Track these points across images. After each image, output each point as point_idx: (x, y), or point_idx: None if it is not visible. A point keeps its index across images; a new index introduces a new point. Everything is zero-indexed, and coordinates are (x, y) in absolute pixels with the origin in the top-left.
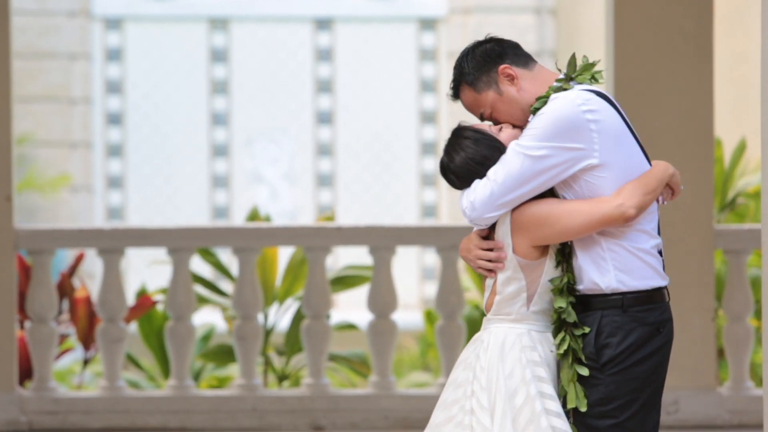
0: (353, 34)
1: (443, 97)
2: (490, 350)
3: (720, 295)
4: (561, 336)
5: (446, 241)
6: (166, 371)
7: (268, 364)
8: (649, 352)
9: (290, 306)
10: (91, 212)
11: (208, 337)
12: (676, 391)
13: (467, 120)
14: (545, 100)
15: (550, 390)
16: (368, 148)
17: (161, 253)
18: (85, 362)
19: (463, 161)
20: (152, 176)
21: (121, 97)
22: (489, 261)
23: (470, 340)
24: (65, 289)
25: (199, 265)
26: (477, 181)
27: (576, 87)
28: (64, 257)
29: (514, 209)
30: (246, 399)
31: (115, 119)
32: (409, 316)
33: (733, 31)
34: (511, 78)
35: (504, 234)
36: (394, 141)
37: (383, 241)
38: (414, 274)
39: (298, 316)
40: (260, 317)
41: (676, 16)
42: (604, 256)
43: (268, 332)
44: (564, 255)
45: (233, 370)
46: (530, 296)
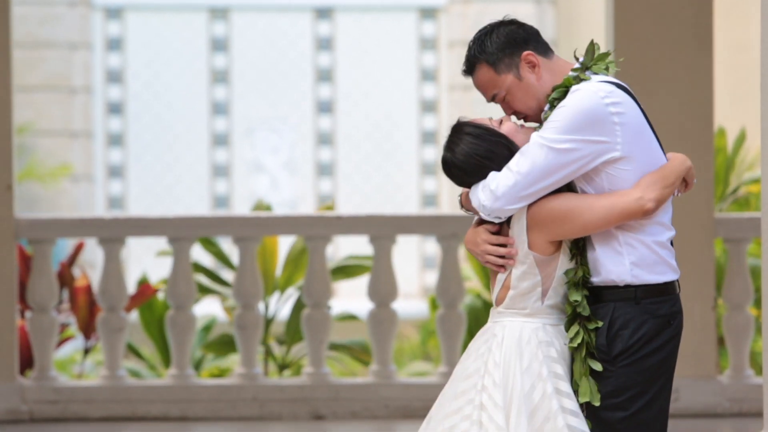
0: (353, 23)
1: (443, 87)
2: (506, 345)
3: (720, 284)
4: (575, 330)
5: (446, 229)
6: (167, 360)
7: (268, 353)
8: (659, 345)
9: (291, 295)
10: (92, 201)
11: (209, 328)
12: (676, 380)
13: (466, 115)
14: (562, 90)
15: (566, 387)
16: (369, 137)
17: (162, 243)
18: (86, 351)
19: (467, 156)
20: (153, 165)
21: (121, 87)
22: (500, 257)
23: (480, 332)
24: (65, 278)
25: (201, 255)
26: (494, 174)
27: (594, 78)
28: (65, 247)
29: (531, 205)
30: (246, 388)
31: (115, 109)
32: (409, 305)
33: (733, 20)
34: (533, 65)
35: (519, 231)
36: (394, 130)
37: (383, 230)
38: (414, 263)
39: (298, 306)
40: (261, 306)
41: (676, 5)
42: (621, 250)
43: (269, 321)
44: (578, 248)
45: (234, 361)
46: (545, 291)
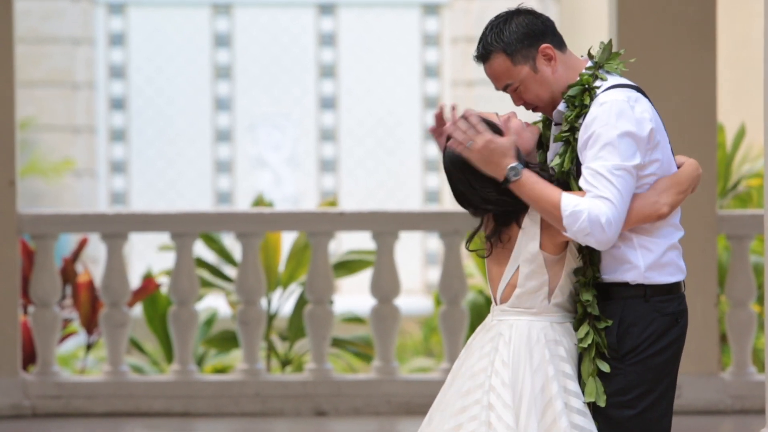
0: (356, 19)
1: (447, 83)
2: (514, 344)
3: (723, 281)
4: (585, 330)
5: (449, 226)
6: (170, 356)
7: (271, 349)
8: (667, 343)
9: (293, 291)
10: (95, 197)
11: (210, 322)
12: (678, 376)
13: (472, 109)
14: (580, 89)
15: (574, 386)
16: (371, 133)
17: (165, 238)
18: (89, 347)
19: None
20: (155, 161)
21: (124, 82)
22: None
23: (481, 328)
24: (68, 273)
25: (203, 252)
26: (594, 203)
27: (610, 79)
28: (68, 242)
29: None
30: (249, 384)
31: (118, 104)
32: (412, 301)
33: (735, 16)
34: (550, 58)
35: (533, 231)
36: (397, 126)
37: (386, 226)
38: (417, 259)
39: (301, 302)
40: (263, 302)
41: (679, 2)
42: (636, 253)
43: (272, 317)
44: (587, 246)
45: (236, 357)
46: (551, 289)
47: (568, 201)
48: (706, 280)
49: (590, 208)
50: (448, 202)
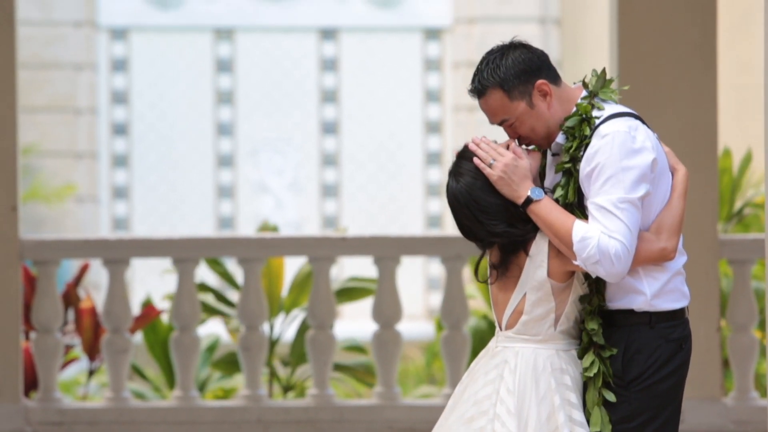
0: (358, 43)
1: (448, 108)
2: (520, 372)
3: (724, 306)
4: (590, 359)
5: (451, 251)
6: (172, 382)
7: (273, 374)
8: (672, 369)
9: (296, 317)
10: (97, 222)
11: (213, 348)
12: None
13: (475, 129)
14: (577, 119)
15: (579, 416)
16: (373, 157)
17: (167, 264)
18: (91, 373)
19: (474, 185)
20: (158, 186)
21: (126, 107)
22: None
23: (484, 353)
24: (70, 299)
25: (206, 275)
26: (594, 241)
27: (607, 108)
28: (69, 268)
29: None
30: (251, 410)
31: (120, 129)
32: (414, 326)
33: (738, 41)
34: (545, 94)
35: (540, 258)
36: (399, 151)
37: (388, 251)
38: (419, 284)
39: (303, 327)
40: (266, 328)
41: (681, 26)
42: (643, 281)
43: (274, 343)
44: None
45: (240, 380)
46: (558, 317)
47: (579, 228)
48: (708, 304)
49: (600, 238)
50: (450, 227)
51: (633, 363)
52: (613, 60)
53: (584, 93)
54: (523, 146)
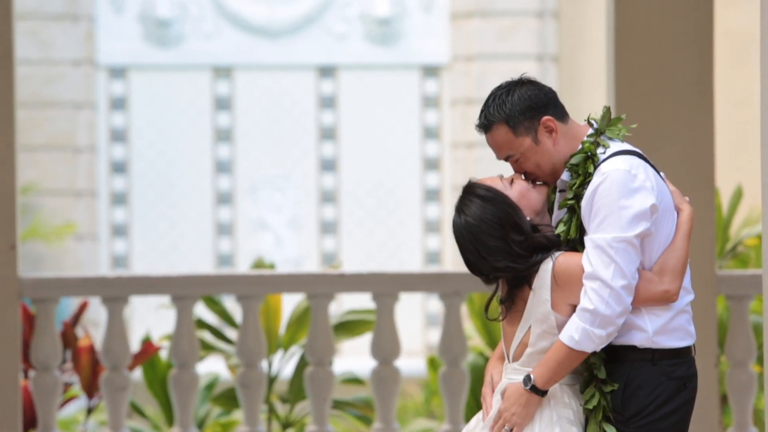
0: (356, 81)
1: (446, 144)
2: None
3: (723, 341)
4: (591, 392)
5: (449, 287)
6: (171, 419)
7: (272, 411)
8: (674, 407)
9: (294, 353)
10: (96, 260)
11: (212, 386)
12: None
13: (474, 176)
14: (582, 157)
15: None
16: (372, 194)
17: (166, 301)
18: (89, 411)
19: (478, 222)
20: (157, 224)
21: (125, 146)
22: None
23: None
24: (69, 337)
25: (204, 314)
26: (587, 299)
27: (612, 145)
28: (68, 306)
29: (558, 266)
30: None
31: (119, 167)
32: (413, 362)
33: (733, 77)
34: (551, 131)
35: (543, 291)
36: (397, 188)
37: (386, 287)
38: (418, 321)
39: (301, 364)
40: (264, 365)
41: (678, 63)
42: (645, 318)
43: (272, 380)
44: None
45: (239, 416)
46: None
47: (565, 337)
48: (707, 340)
49: (579, 319)
50: (449, 263)
51: (633, 399)
52: (611, 97)
53: (591, 131)
54: (530, 181)
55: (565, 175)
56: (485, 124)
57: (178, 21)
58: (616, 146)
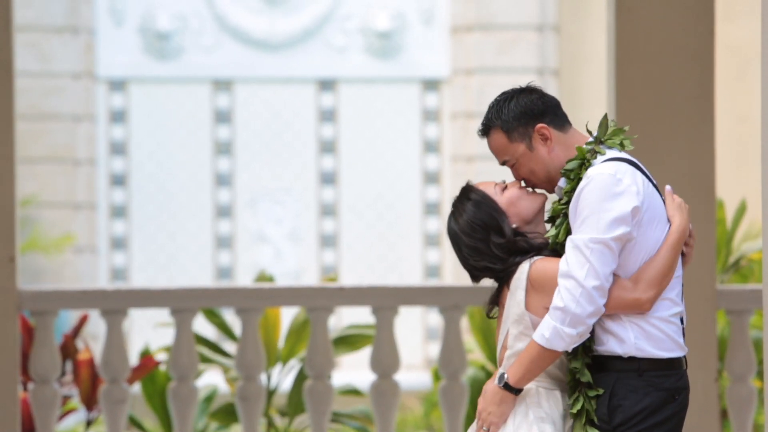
0: (356, 94)
1: (446, 158)
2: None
3: (723, 356)
4: (575, 396)
5: (449, 301)
6: None
7: (270, 425)
8: (662, 419)
9: (293, 367)
10: (96, 273)
11: (210, 399)
12: None
13: (473, 179)
14: (578, 162)
15: None
16: (372, 208)
17: (166, 314)
18: (88, 423)
19: (464, 224)
20: (156, 236)
21: (125, 158)
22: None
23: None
24: (69, 350)
25: (204, 326)
26: (558, 298)
27: (608, 152)
28: (68, 318)
29: (534, 268)
30: None
31: (119, 180)
32: (412, 376)
33: (735, 92)
34: (545, 138)
35: (518, 291)
36: (397, 201)
37: (386, 301)
38: (418, 334)
39: (300, 377)
40: (263, 378)
41: (678, 76)
42: (625, 326)
43: (271, 393)
44: None
45: (237, 431)
46: None
47: (537, 335)
48: (706, 355)
49: (552, 318)
50: (449, 277)
51: (619, 409)
52: (611, 111)
53: (591, 139)
54: (525, 189)
55: (562, 182)
56: (483, 129)
57: (178, 34)
58: (611, 154)
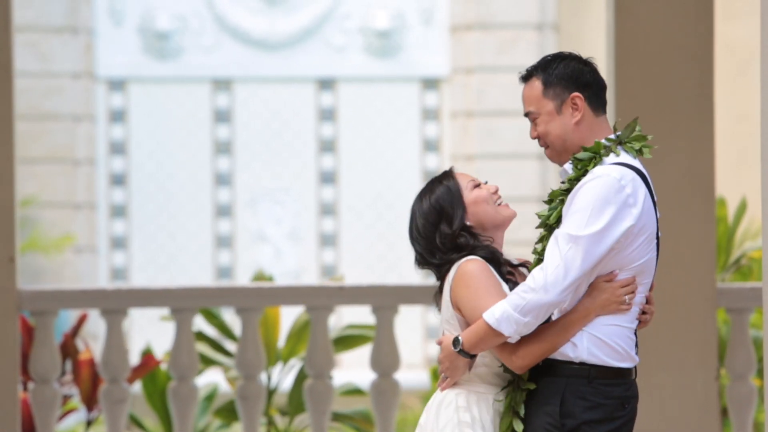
0: (356, 94)
1: (446, 157)
2: (429, 408)
3: (723, 354)
4: (508, 389)
5: None
6: None
7: (271, 424)
8: (613, 428)
9: (293, 366)
10: (96, 273)
11: (211, 397)
12: None
13: (455, 167)
14: (590, 155)
15: None
16: (371, 207)
17: (166, 312)
18: (89, 423)
19: (424, 204)
20: (156, 236)
21: (124, 158)
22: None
23: None
24: (69, 350)
25: (204, 325)
26: (521, 286)
27: (622, 157)
28: (68, 318)
29: (462, 267)
30: None
31: (119, 180)
32: (413, 375)
33: (735, 91)
34: (576, 109)
35: (447, 290)
36: (397, 200)
37: (386, 300)
38: (418, 333)
39: (300, 376)
40: (263, 377)
41: (677, 76)
42: (581, 333)
43: (272, 392)
44: None
45: (238, 430)
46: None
47: (488, 316)
48: (706, 353)
49: (507, 302)
50: None
51: (570, 416)
52: (611, 110)
53: (612, 136)
54: (498, 200)
55: (568, 166)
56: (526, 75)
57: (178, 33)
58: (623, 158)
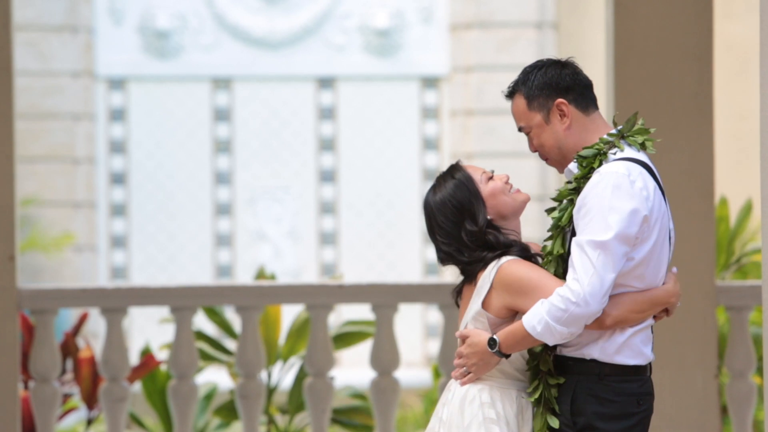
0: (355, 92)
1: (446, 155)
2: (452, 403)
3: (722, 352)
4: (535, 384)
5: (449, 298)
6: (170, 430)
7: (271, 423)
8: (627, 426)
9: (293, 364)
10: (95, 271)
11: (211, 396)
12: None
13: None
14: (594, 152)
15: None
16: (371, 205)
17: (167, 312)
18: (89, 422)
19: (441, 201)
20: (156, 235)
21: (124, 157)
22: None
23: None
24: (69, 348)
25: (204, 324)
26: (549, 299)
27: (627, 151)
28: (67, 317)
29: (502, 270)
30: None
31: (118, 179)
32: (413, 373)
33: (735, 90)
34: (563, 114)
35: (482, 291)
36: (396, 199)
37: (386, 298)
38: (418, 332)
39: (300, 375)
40: (264, 376)
41: (677, 74)
42: (593, 332)
43: (272, 391)
44: None
45: (238, 428)
46: None
47: (528, 320)
48: (706, 351)
49: (547, 314)
50: (448, 274)
51: (581, 413)
52: (610, 109)
53: (614, 131)
54: (512, 188)
55: (573, 166)
56: (509, 92)
57: (178, 32)
58: (628, 152)
